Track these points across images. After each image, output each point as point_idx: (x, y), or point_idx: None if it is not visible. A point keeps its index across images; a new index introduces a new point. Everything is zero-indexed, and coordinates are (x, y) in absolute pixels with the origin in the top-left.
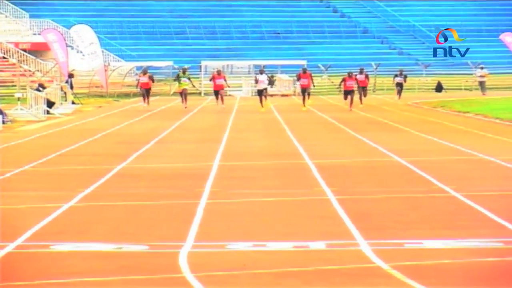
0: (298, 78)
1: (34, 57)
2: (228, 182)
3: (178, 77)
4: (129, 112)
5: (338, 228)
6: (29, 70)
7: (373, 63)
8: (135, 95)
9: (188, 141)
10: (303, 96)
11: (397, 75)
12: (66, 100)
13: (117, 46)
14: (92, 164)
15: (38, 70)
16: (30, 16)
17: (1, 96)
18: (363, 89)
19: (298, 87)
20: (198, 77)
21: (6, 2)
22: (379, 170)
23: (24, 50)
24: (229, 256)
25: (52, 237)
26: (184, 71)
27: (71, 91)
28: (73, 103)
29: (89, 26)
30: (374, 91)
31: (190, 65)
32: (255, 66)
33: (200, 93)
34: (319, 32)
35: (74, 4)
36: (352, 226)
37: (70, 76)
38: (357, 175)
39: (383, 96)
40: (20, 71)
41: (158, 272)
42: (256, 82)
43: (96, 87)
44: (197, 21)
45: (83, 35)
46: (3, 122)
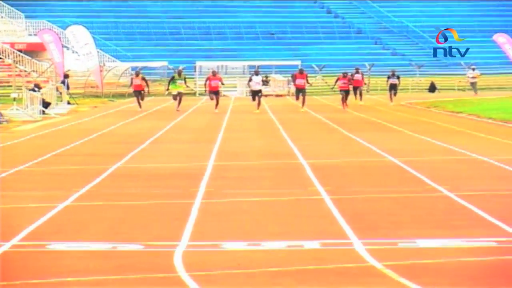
0: (294, 79)
1: (30, 58)
2: (223, 182)
3: (173, 79)
4: (124, 112)
5: (332, 228)
6: (25, 71)
7: (367, 64)
8: (130, 96)
9: (183, 141)
10: (297, 97)
11: (390, 76)
12: (62, 101)
13: (113, 47)
14: (88, 164)
15: (34, 71)
16: (26, 17)
17: None
18: (358, 89)
19: (293, 87)
20: (193, 78)
21: (2, 3)
22: (373, 170)
23: (20, 51)
24: (224, 256)
25: (48, 237)
26: (180, 73)
27: (67, 91)
28: (69, 103)
29: (85, 27)
30: (368, 92)
31: (185, 66)
32: (250, 67)
33: (195, 94)
34: (313, 33)
35: (70, 5)
36: (346, 226)
37: (66, 77)
38: (351, 175)
39: (377, 97)
40: (16, 72)
41: (153, 271)
42: (250, 81)
43: (92, 88)
44: (192, 22)
45: (79, 36)
46: None
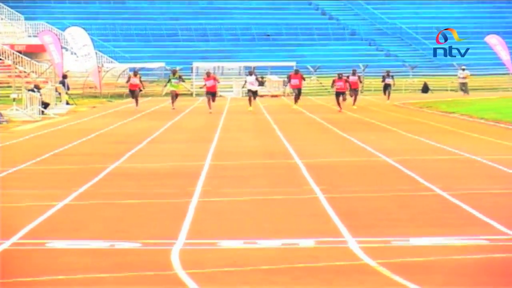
0: (289, 79)
1: (29, 59)
2: (219, 181)
3: (169, 79)
4: (122, 113)
5: (327, 226)
6: (24, 72)
7: (361, 65)
8: (128, 96)
9: (180, 141)
10: (295, 95)
11: (385, 76)
12: (61, 101)
13: (111, 48)
14: (86, 164)
15: (33, 72)
16: (26, 19)
17: None
18: (355, 91)
19: (288, 88)
20: (190, 78)
21: (2, 5)
22: (367, 169)
23: (20, 52)
24: (220, 253)
25: (47, 235)
26: (174, 73)
27: (65, 91)
28: (68, 104)
29: (83, 29)
30: (362, 92)
31: (182, 66)
32: (246, 68)
33: (192, 94)
34: (308, 34)
35: (69, 7)
36: (341, 224)
37: (65, 77)
38: (346, 174)
39: (371, 97)
40: (16, 72)
41: (151, 269)
42: (245, 83)
43: (90, 88)
44: (189, 23)
45: (77, 37)
46: None
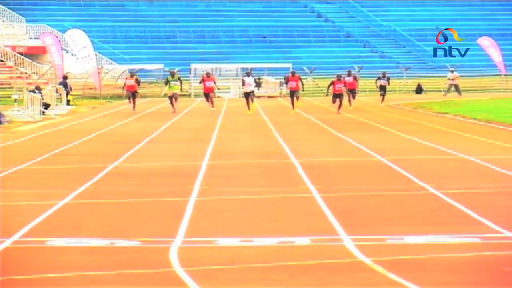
0: (287, 81)
1: (30, 60)
2: (217, 180)
3: (168, 81)
4: (122, 113)
5: (322, 225)
6: (26, 73)
7: (356, 66)
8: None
9: (178, 141)
10: (292, 99)
11: (380, 78)
12: (61, 102)
13: (110, 50)
14: (86, 163)
15: (34, 73)
16: (27, 21)
17: None
18: (352, 92)
19: (284, 89)
20: (188, 79)
21: (4, 8)
22: (362, 169)
23: (21, 54)
24: (218, 251)
25: (48, 233)
26: (173, 75)
27: (67, 91)
28: (69, 104)
29: (83, 31)
30: (356, 93)
31: (180, 68)
32: (243, 69)
33: (190, 95)
34: (304, 36)
35: (69, 10)
36: (336, 223)
37: (65, 78)
38: (341, 174)
39: (366, 98)
40: (17, 74)
41: (150, 267)
42: (243, 85)
43: (90, 89)
44: (187, 26)
45: (77, 39)
46: (0, 123)
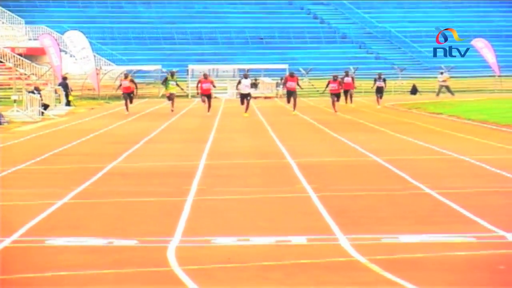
0: (285, 82)
1: (30, 61)
2: (214, 180)
3: (166, 81)
4: (120, 114)
5: (318, 224)
6: (25, 74)
7: (351, 67)
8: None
9: (176, 141)
10: (288, 99)
11: (377, 79)
12: (60, 102)
13: (109, 51)
14: (85, 163)
15: (33, 74)
16: (26, 23)
17: None
18: (349, 92)
19: (281, 90)
20: (185, 80)
21: (3, 9)
22: (357, 169)
23: (20, 55)
24: (215, 250)
25: (47, 232)
26: (172, 75)
27: (68, 92)
28: (70, 105)
29: (82, 32)
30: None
31: (178, 69)
32: (240, 70)
33: (187, 96)
34: (300, 38)
35: (68, 11)
36: (332, 222)
37: (65, 79)
38: (336, 173)
39: (361, 99)
40: (16, 75)
41: (148, 266)
42: (238, 84)
43: (89, 90)
44: (185, 27)
45: (76, 41)
46: (0, 123)
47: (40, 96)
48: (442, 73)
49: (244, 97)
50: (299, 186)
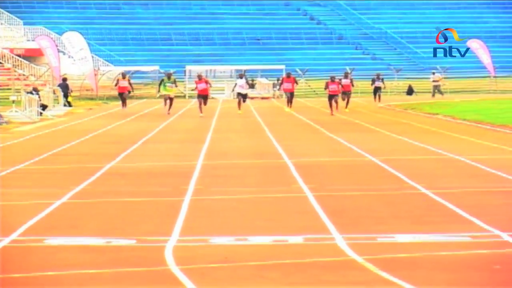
0: (281, 82)
1: (28, 62)
2: (211, 180)
3: (163, 82)
4: (118, 114)
5: (315, 223)
6: (23, 75)
7: (348, 68)
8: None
9: (174, 141)
10: (288, 98)
11: (375, 80)
12: (59, 103)
13: (107, 52)
14: (83, 163)
15: (32, 75)
16: (24, 24)
17: None
18: (347, 94)
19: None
20: (183, 81)
21: (2, 10)
22: (354, 169)
23: (19, 56)
24: (212, 250)
25: (46, 232)
26: (169, 76)
27: (67, 93)
28: (66, 105)
29: (80, 33)
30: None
31: (176, 70)
32: (237, 71)
33: (185, 96)
34: (297, 39)
35: (66, 12)
36: (328, 221)
37: (65, 80)
38: (333, 173)
39: (358, 99)
40: (15, 75)
41: (145, 265)
42: (235, 87)
43: (87, 91)
44: (182, 28)
45: (74, 41)
46: None
47: (39, 97)
48: (434, 73)
49: (242, 97)
50: (296, 186)
